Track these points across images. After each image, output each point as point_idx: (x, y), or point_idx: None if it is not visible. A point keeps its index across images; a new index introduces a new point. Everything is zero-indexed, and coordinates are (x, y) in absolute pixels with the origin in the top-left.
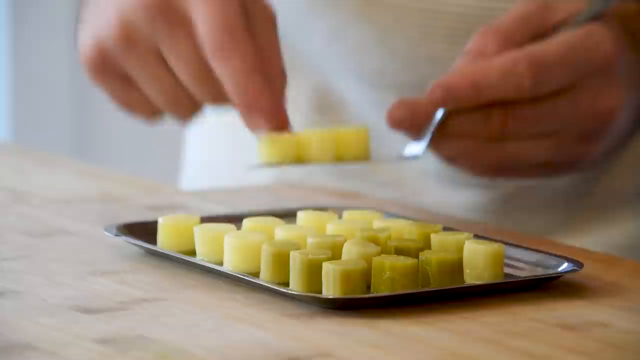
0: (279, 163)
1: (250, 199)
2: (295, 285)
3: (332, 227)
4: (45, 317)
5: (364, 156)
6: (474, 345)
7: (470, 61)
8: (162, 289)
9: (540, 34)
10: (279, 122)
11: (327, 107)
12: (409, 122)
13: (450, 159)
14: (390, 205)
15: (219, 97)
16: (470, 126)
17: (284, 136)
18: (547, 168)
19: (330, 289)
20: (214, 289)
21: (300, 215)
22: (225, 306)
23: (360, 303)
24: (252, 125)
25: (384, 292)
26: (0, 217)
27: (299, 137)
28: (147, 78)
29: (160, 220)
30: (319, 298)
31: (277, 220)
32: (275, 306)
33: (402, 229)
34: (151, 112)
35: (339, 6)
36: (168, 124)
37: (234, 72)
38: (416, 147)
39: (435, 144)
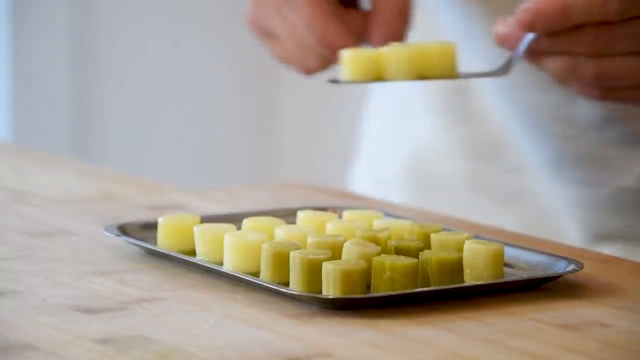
0: (361, 80)
1: (250, 199)
2: (295, 285)
3: (332, 227)
4: (45, 317)
5: (450, 73)
6: (474, 345)
7: None
8: (162, 289)
9: None
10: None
11: (459, 91)
12: (513, 38)
13: (558, 77)
14: (390, 205)
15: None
16: (562, 44)
17: (367, 52)
18: None
19: (330, 289)
20: (214, 289)
21: (300, 215)
22: (225, 306)
23: (360, 303)
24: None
25: (384, 292)
26: (0, 217)
27: (381, 54)
28: (280, 25)
29: (160, 220)
30: (319, 298)
31: (277, 220)
32: (275, 306)
33: (402, 229)
34: (300, 63)
35: None
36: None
37: None
38: (504, 64)
39: (536, 60)
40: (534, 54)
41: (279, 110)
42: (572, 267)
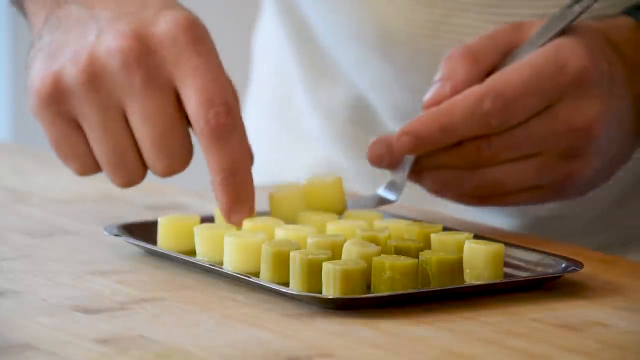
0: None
1: None
2: (295, 285)
3: (332, 227)
4: (45, 317)
5: (338, 207)
6: (474, 345)
7: (440, 89)
8: (162, 289)
9: (510, 52)
10: (252, 212)
11: (360, 121)
12: (387, 160)
13: (434, 190)
14: (390, 206)
15: (175, 169)
16: (445, 159)
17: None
18: (540, 191)
19: (330, 289)
20: (214, 289)
21: (300, 215)
22: (225, 306)
23: (360, 303)
24: (231, 216)
25: (384, 292)
26: (0, 217)
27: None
28: (99, 130)
29: (160, 220)
30: (319, 298)
31: (277, 220)
32: (275, 306)
33: (402, 229)
34: (88, 167)
35: (359, 41)
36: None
37: (231, 157)
38: (392, 193)
39: (415, 178)
40: (413, 172)
41: None
42: (572, 267)
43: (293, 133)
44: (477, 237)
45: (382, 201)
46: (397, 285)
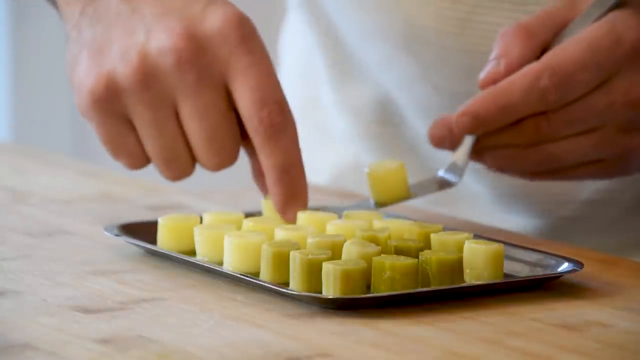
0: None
1: (250, 199)
2: (295, 285)
3: (332, 227)
4: (45, 317)
5: (403, 193)
6: (474, 345)
7: (494, 67)
8: (162, 289)
9: (564, 28)
10: (305, 206)
11: (387, 121)
12: (448, 141)
13: (496, 168)
14: (390, 206)
15: (224, 164)
16: (505, 138)
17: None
18: (602, 165)
19: (330, 289)
20: (214, 289)
21: (300, 215)
22: (225, 306)
23: (360, 303)
24: (286, 211)
25: (384, 292)
26: (0, 217)
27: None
28: (152, 128)
29: (160, 220)
30: (319, 298)
31: (277, 220)
32: (275, 306)
33: (402, 229)
34: (138, 162)
35: (385, 39)
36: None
37: (284, 155)
38: (453, 175)
39: (476, 158)
40: (473, 152)
41: None
42: (572, 267)
43: (319, 133)
44: (477, 237)
45: (444, 184)
46: (397, 285)
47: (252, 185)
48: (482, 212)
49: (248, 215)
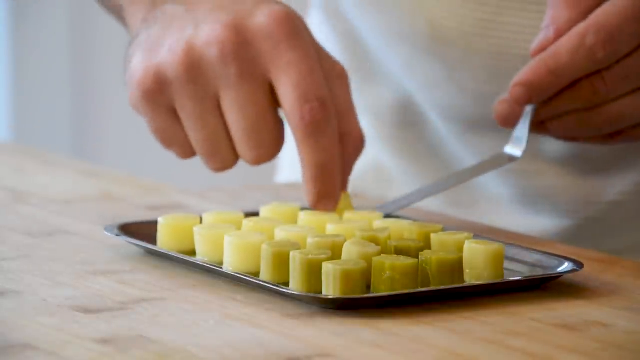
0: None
1: (250, 199)
2: (295, 285)
3: (332, 227)
4: (45, 317)
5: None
6: (474, 345)
7: (544, 35)
8: (162, 289)
9: None
10: (336, 206)
11: (408, 124)
12: (511, 117)
13: (562, 137)
14: (390, 206)
15: (264, 158)
16: (563, 104)
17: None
18: None
19: (330, 289)
20: (214, 289)
21: (300, 215)
22: (225, 306)
23: (360, 303)
24: (318, 207)
25: (384, 292)
26: (0, 217)
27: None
28: (195, 120)
29: (160, 220)
30: (319, 298)
31: (277, 220)
32: (275, 306)
33: (402, 229)
34: (188, 152)
35: (408, 42)
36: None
37: (323, 153)
38: (516, 149)
39: (539, 130)
40: (535, 124)
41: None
42: (572, 267)
43: None
44: (477, 237)
45: (510, 158)
46: (397, 285)
47: (252, 185)
48: (504, 214)
49: (248, 215)
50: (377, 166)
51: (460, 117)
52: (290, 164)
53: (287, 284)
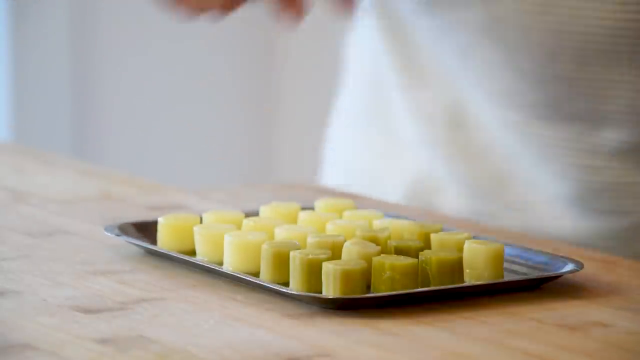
0: None
1: (250, 198)
2: (295, 285)
3: (332, 227)
4: (45, 317)
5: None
6: (474, 345)
7: None
8: (162, 289)
9: None
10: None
11: (460, 125)
12: None
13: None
14: (390, 206)
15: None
16: None
17: None
18: None
19: (330, 289)
20: (214, 289)
21: (300, 215)
22: (225, 306)
23: (360, 303)
24: (282, 19)
25: (384, 292)
26: (0, 217)
27: None
28: None
29: (160, 220)
30: (319, 298)
31: (277, 220)
32: (275, 306)
33: (402, 229)
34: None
35: (466, 26)
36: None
37: None
38: None
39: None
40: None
41: (279, 110)
42: (572, 267)
43: (390, 141)
44: (477, 237)
45: None
46: (397, 285)
47: (252, 185)
48: (554, 217)
49: (248, 215)
50: (429, 170)
51: (519, 103)
52: (332, 164)
53: (287, 284)
